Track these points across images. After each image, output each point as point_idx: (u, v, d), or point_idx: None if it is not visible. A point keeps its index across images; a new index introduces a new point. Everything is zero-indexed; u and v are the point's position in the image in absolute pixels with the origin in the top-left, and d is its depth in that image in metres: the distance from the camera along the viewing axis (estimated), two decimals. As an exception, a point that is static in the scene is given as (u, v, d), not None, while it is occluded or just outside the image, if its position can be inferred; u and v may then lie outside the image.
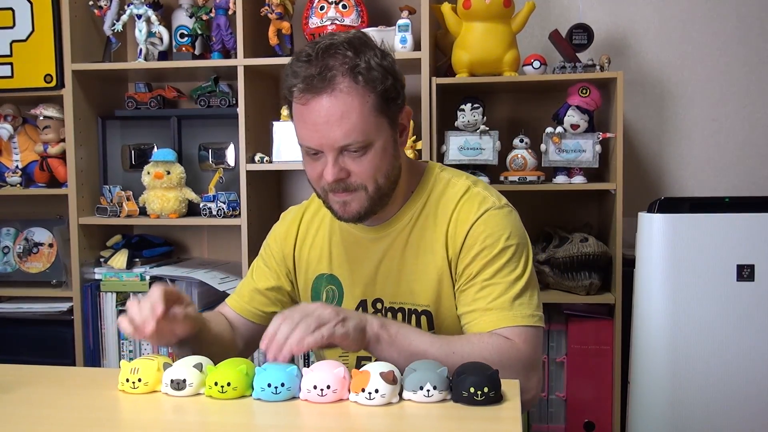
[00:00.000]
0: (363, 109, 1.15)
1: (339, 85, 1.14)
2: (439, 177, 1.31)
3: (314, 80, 1.13)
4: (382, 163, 1.19)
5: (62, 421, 0.97)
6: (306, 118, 1.16)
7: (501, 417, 0.93)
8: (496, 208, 1.25)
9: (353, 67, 1.14)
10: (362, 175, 1.18)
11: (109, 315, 2.31)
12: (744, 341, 1.91)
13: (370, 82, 1.15)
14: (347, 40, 1.17)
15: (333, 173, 1.17)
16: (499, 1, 2.02)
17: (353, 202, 1.20)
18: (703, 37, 2.31)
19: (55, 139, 2.35)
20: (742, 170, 2.32)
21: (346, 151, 1.17)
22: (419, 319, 1.27)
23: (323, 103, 1.14)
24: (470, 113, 2.10)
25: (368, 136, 1.16)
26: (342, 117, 1.14)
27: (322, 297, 1.35)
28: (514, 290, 1.20)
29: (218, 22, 2.23)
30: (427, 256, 1.26)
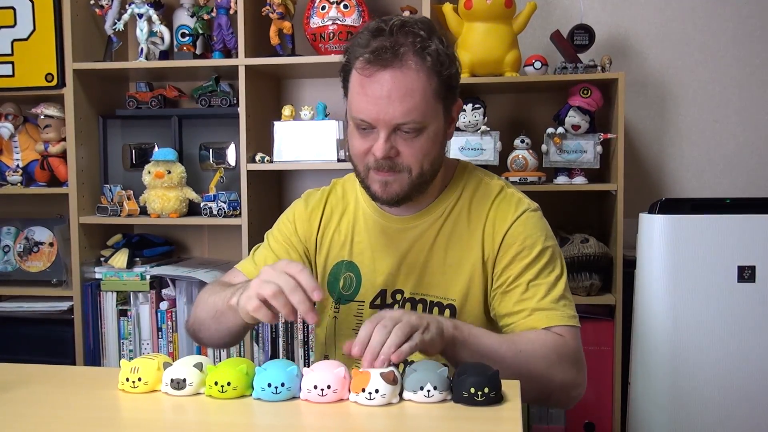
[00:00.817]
0: (426, 90, 1.15)
1: (408, 61, 1.13)
2: (472, 174, 1.33)
3: (385, 53, 1.12)
4: (431, 149, 1.19)
5: (62, 421, 0.97)
6: (367, 90, 1.15)
7: (501, 417, 0.93)
8: (531, 210, 1.28)
9: (425, 47, 1.14)
10: (410, 158, 1.18)
11: (110, 314, 2.31)
12: (745, 342, 1.90)
13: (437, 65, 1.15)
14: (420, 20, 1.18)
15: (383, 149, 1.16)
16: (501, 2, 2.02)
17: (395, 183, 1.20)
18: (704, 38, 2.31)
19: (55, 138, 2.35)
20: (743, 171, 2.32)
21: (399, 130, 1.16)
22: (442, 313, 1.27)
23: (388, 77, 1.13)
24: (471, 113, 2.10)
25: (425, 118, 1.16)
26: (405, 94, 1.13)
27: (340, 283, 1.33)
28: (557, 291, 1.22)
29: (219, 22, 2.23)
30: (460, 251, 1.27)
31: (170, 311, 2.29)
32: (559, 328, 1.20)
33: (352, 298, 1.33)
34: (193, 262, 2.44)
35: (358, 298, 1.33)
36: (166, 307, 2.30)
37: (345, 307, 1.34)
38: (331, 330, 1.36)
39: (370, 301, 1.32)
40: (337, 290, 1.34)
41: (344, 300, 1.34)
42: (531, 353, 1.14)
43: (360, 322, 1.32)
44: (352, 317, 1.33)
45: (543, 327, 1.20)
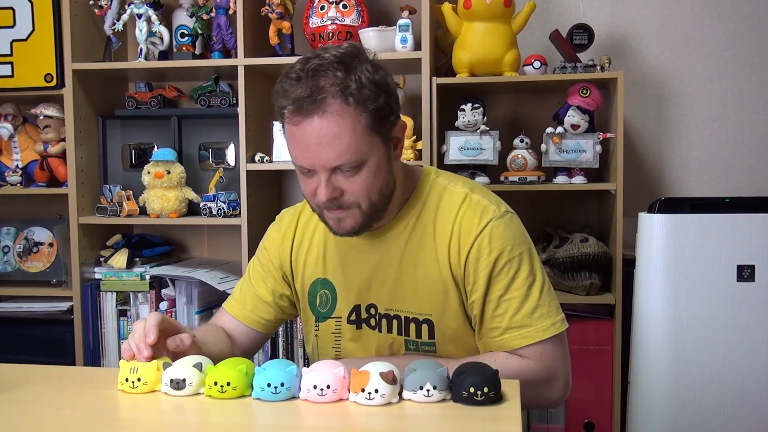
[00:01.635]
0: (355, 129, 1.13)
1: (330, 107, 1.12)
2: (435, 183, 1.30)
3: (304, 103, 1.12)
4: (375, 181, 1.18)
5: (62, 421, 0.97)
6: (298, 139, 1.15)
7: (500, 417, 0.93)
8: (497, 218, 1.23)
9: (344, 89, 1.12)
10: (356, 194, 1.17)
11: (109, 314, 2.31)
12: (744, 342, 1.90)
13: (361, 102, 1.13)
14: (338, 58, 1.14)
15: (326, 193, 1.16)
16: (500, 1, 2.02)
17: (347, 218, 1.20)
18: (703, 37, 2.31)
19: (55, 138, 2.35)
20: (743, 170, 2.32)
21: (339, 170, 1.15)
22: (419, 328, 1.27)
23: (315, 125, 1.12)
24: (470, 113, 2.10)
25: (361, 155, 1.15)
26: (334, 138, 1.12)
27: (317, 301, 1.35)
28: (530, 302, 1.21)
29: (219, 22, 2.23)
30: (429, 266, 1.25)
31: (170, 311, 2.29)
32: (525, 350, 1.20)
33: (329, 315, 1.34)
34: (193, 262, 2.44)
35: (335, 314, 1.33)
36: (166, 307, 2.30)
37: (324, 325, 1.35)
38: (316, 348, 1.38)
39: (346, 316, 1.32)
40: (315, 309, 1.35)
41: (322, 318, 1.35)
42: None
43: (339, 339, 1.33)
44: (330, 334, 1.34)
45: (513, 347, 1.21)
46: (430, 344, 1.27)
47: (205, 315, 2.28)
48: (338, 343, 1.33)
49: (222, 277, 2.23)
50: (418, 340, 1.27)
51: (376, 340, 1.30)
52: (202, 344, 1.20)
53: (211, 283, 2.19)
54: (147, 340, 1.08)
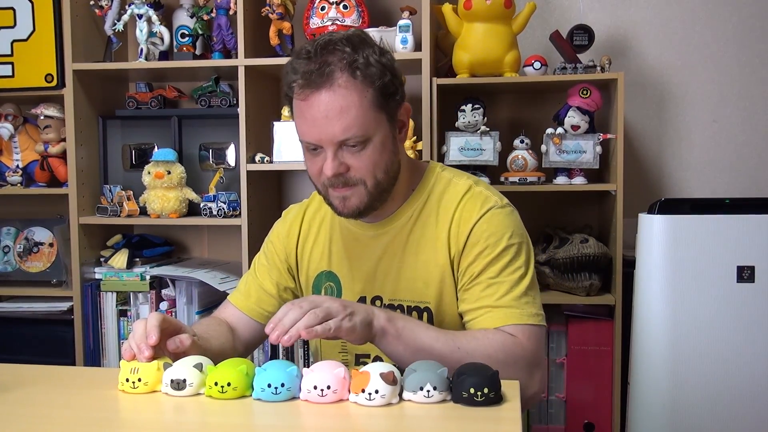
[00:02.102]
0: (362, 103, 1.16)
1: (338, 80, 1.15)
2: (440, 176, 1.33)
3: (313, 75, 1.15)
4: (380, 158, 1.20)
5: (62, 421, 0.97)
6: (305, 114, 1.18)
7: (501, 418, 0.93)
8: (498, 207, 1.26)
9: (351, 63, 1.16)
10: (361, 170, 1.19)
11: (110, 315, 2.31)
12: (744, 342, 1.90)
13: (368, 77, 1.17)
14: (346, 36, 1.19)
15: (332, 167, 1.18)
16: (500, 2, 2.02)
17: (353, 197, 1.21)
18: (703, 38, 2.31)
19: (55, 138, 2.35)
20: (743, 171, 2.32)
21: (345, 145, 1.18)
22: (421, 316, 1.28)
23: (322, 98, 1.15)
24: (471, 114, 2.10)
25: (367, 130, 1.18)
26: (341, 112, 1.15)
27: (321, 294, 1.36)
28: (519, 288, 1.22)
29: (219, 22, 2.23)
30: (428, 253, 1.27)
31: (170, 311, 2.29)
32: (514, 327, 1.19)
33: None
34: (193, 262, 2.44)
35: None
36: (166, 308, 2.30)
37: None
38: (320, 341, 1.39)
39: None
40: None
41: None
42: (471, 351, 1.13)
43: None
44: None
45: (498, 325, 1.19)
46: None
47: (205, 315, 2.28)
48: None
49: (222, 278, 2.24)
50: None
51: None
52: (203, 339, 1.21)
53: (211, 284, 2.19)
54: (148, 341, 1.08)
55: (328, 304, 1.09)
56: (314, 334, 1.04)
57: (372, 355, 1.32)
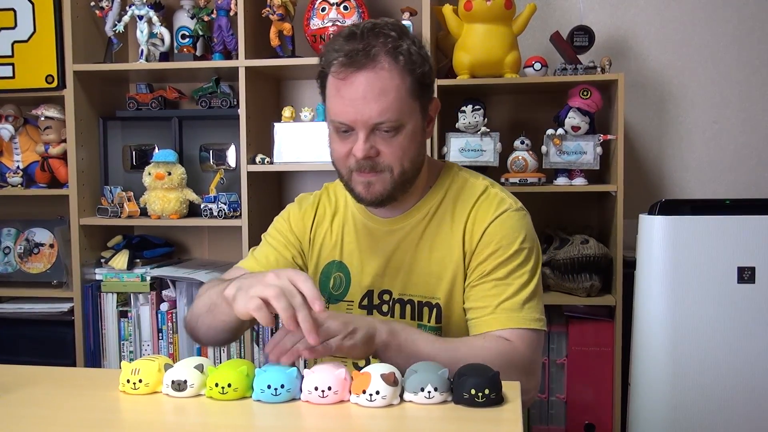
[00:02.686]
0: (401, 89, 1.17)
1: (381, 62, 1.16)
2: (457, 175, 1.34)
3: (357, 55, 1.15)
4: (410, 147, 1.21)
5: (62, 422, 0.97)
6: (343, 93, 1.17)
7: (502, 419, 0.93)
8: (513, 210, 1.28)
9: (396, 47, 1.17)
10: (390, 156, 1.20)
11: (110, 316, 2.32)
12: (745, 343, 1.90)
13: (409, 64, 1.18)
14: (391, 23, 1.21)
15: (363, 150, 1.18)
16: (500, 3, 2.02)
17: (378, 183, 1.21)
18: (703, 39, 2.31)
19: (56, 139, 2.35)
20: (743, 172, 2.32)
21: (377, 130, 1.18)
22: (431, 311, 1.29)
23: (363, 79, 1.15)
24: (471, 115, 2.10)
25: (402, 116, 1.18)
26: (380, 94, 1.15)
27: (330, 283, 1.36)
28: (524, 293, 1.23)
29: (219, 23, 2.23)
30: (442, 251, 1.28)
31: (171, 312, 2.29)
32: (512, 332, 1.20)
33: (341, 298, 1.35)
34: (194, 263, 2.44)
35: (347, 298, 1.35)
36: (167, 309, 2.30)
37: (335, 307, 1.36)
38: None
39: (358, 301, 1.34)
40: (327, 290, 1.37)
41: (334, 300, 1.36)
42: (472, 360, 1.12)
43: None
44: None
45: (499, 328, 1.20)
46: (436, 329, 1.29)
47: (205, 316, 2.28)
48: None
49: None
50: (428, 325, 1.29)
51: None
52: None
53: (211, 285, 2.19)
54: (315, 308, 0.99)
55: (328, 324, 1.07)
56: (315, 354, 1.04)
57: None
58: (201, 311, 1.24)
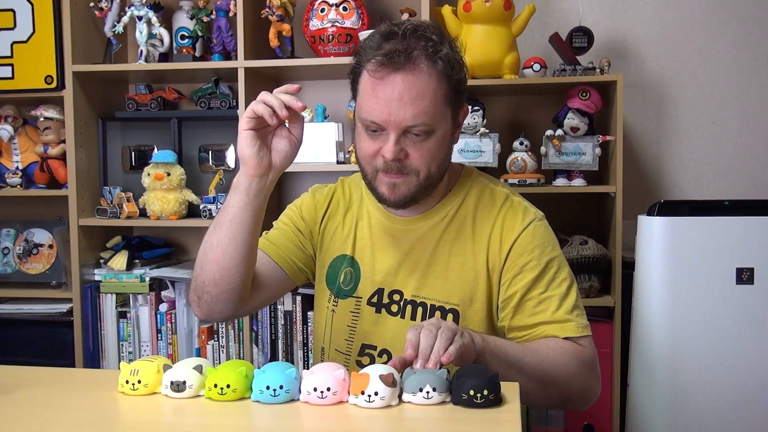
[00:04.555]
0: (437, 93, 1.17)
1: (420, 65, 1.15)
2: (477, 180, 1.34)
3: (399, 56, 1.14)
4: (439, 152, 1.21)
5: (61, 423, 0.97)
6: (378, 92, 1.16)
7: (500, 419, 0.93)
8: (538, 219, 1.29)
9: (437, 52, 1.16)
10: (419, 160, 1.19)
11: (109, 316, 2.32)
12: (744, 344, 1.91)
13: (448, 69, 1.18)
14: (432, 25, 1.21)
15: (393, 152, 1.17)
16: (500, 4, 2.02)
17: (403, 185, 1.21)
18: (702, 40, 2.32)
19: (55, 140, 2.35)
20: (742, 173, 2.32)
21: (409, 133, 1.18)
22: (444, 317, 1.28)
23: (400, 80, 1.15)
24: (470, 116, 2.10)
25: (435, 121, 1.18)
26: (416, 97, 1.15)
27: (340, 278, 1.35)
28: (569, 301, 1.24)
29: (219, 24, 2.23)
30: (462, 257, 1.28)
31: (170, 313, 2.29)
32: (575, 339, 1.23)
33: (350, 293, 1.34)
34: (193, 264, 2.43)
35: (356, 294, 1.34)
36: (166, 309, 2.30)
37: (343, 302, 1.35)
38: (329, 323, 1.37)
39: (367, 297, 1.33)
40: (336, 284, 1.36)
41: (343, 294, 1.35)
42: (552, 361, 1.17)
43: (356, 319, 1.33)
44: (348, 313, 1.34)
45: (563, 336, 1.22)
46: None
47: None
48: (355, 322, 1.33)
49: (222, 279, 2.23)
50: None
51: (394, 326, 1.30)
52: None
53: (210, 285, 2.19)
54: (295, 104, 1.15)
55: (445, 324, 1.06)
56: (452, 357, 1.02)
57: (378, 348, 1.32)
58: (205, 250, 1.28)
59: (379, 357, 1.32)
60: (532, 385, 1.14)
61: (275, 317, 2.24)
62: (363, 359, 1.32)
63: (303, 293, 2.19)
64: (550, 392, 1.18)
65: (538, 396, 1.19)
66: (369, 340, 1.32)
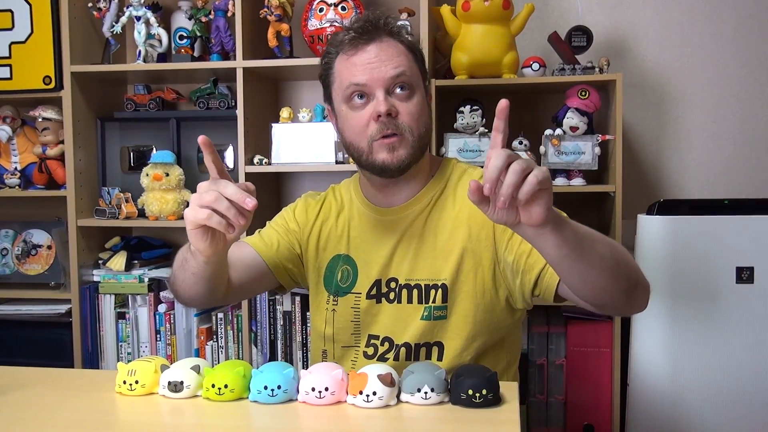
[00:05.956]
0: (408, 57, 1.28)
1: (387, 38, 1.27)
2: (457, 166, 1.40)
3: (368, 26, 1.25)
4: (422, 113, 1.28)
5: (60, 423, 0.97)
6: (356, 61, 1.25)
7: (499, 419, 0.93)
8: None
9: (398, 31, 1.28)
10: (407, 117, 1.25)
11: (108, 317, 2.31)
12: (744, 343, 1.90)
13: (411, 43, 1.30)
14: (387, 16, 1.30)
15: (386, 104, 1.22)
16: (498, 3, 2.02)
17: (401, 147, 1.25)
18: (702, 39, 2.31)
19: (53, 140, 2.35)
20: (742, 172, 2.32)
21: (393, 90, 1.25)
22: (436, 293, 1.31)
23: (374, 47, 1.25)
24: (469, 115, 2.10)
25: (413, 78, 1.27)
26: (392, 55, 1.25)
27: (337, 276, 1.39)
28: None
29: (217, 24, 2.23)
30: (446, 233, 1.32)
31: (168, 314, 2.29)
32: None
33: (349, 290, 1.37)
34: (192, 264, 2.43)
35: (355, 290, 1.37)
36: (165, 310, 2.30)
37: (343, 300, 1.38)
38: (330, 323, 1.40)
39: (366, 292, 1.36)
40: (334, 283, 1.39)
41: (342, 292, 1.38)
42: (610, 242, 1.11)
43: (358, 314, 1.36)
44: (349, 309, 1.37)
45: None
46: (442, 308, 1.30)
47: (203, 318, 2.28)
48: (357, 316, 1.37)
49: (221, 280, 2.23)
50: (433, 305, 1.30)
51: (392, 312, 1.33)
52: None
53: (209, 286, 2.19)
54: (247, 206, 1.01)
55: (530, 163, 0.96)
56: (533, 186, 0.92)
57: (381, 336, 1.34)
58: (176, 268, 1.26)
59: (381, 345, 1.35)
60: (606, 261, 1.06)
61: (274, 318, 2.24)
62: (368, 350, 1.36)
63: (302, 294, 2.18)
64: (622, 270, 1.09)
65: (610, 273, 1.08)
66: (372, 331, 1.35)
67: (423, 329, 1.30)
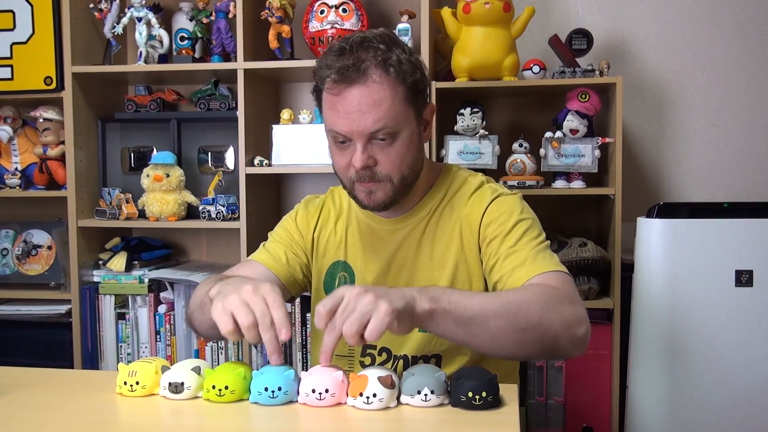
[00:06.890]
0: (394, 98, 1.20)
1: (372, 75, 1.19)
2: (456, 174, 1.38)
3: (349, 71, 1.18)
4: (407, 154, 1.24)
5: (60, 424, 0.97)
6: (338, 107, 1.21)
7: (499, 421, 0.93)
8: (507, 194, 1.32)
9: (385, 60, 1.19)
10: (388, 165, 1.23)
11: (108, 318, 2.31)
12: (743, 346, 1.90)
13: (400, 74, 1.20)
14: (379, 35, 1.23)
15: (362, 160, 1.21)
16: (499, 6, 2.02)
17: (379, 191, 1.25)
18: (702, 42, 2.32)
19: (54, 141, 2.35)
20: (742, 176, 2.32)
21: (374, 139, 1.21)
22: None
23: (356, 93, 1.19)
24: (470, 118, 2.10)
25: (397, 123, 1.21)
26: (373, 105, 1.19)
27: (336, 283, 1.39)
28: (538, 250, 1.23)
29: (218, 26, 2.23)
30: (442, 244, 1.32)
31: (168, 314, 2.29)
32: (541, 277, 1.17)
33: None
34: (192, 265, 2.44)
35: None
36: (165, 311, 2.30)
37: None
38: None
39: None
40: (333, 289, 1.38)
41: None
42: (521, 301, 1.09)
43: None
44: None
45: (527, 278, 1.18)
46: None
47: (203, 318, 2.28)
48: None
49: (221, 281, 2.23)
50: None
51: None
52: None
53: (209, 287, 2.19)
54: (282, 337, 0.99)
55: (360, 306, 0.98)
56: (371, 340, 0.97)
57: (378, 347, 1.34)
58: (194, 308, 1.28)
59: (378, 356, 1.35)
60: (506, 334, 1.06)
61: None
62: (365, 359, 1.35)
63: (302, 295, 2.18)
64: (531, 336, 1.07)
65: (517, 345, 1.08)
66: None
67: (421, 341, 1.30)
